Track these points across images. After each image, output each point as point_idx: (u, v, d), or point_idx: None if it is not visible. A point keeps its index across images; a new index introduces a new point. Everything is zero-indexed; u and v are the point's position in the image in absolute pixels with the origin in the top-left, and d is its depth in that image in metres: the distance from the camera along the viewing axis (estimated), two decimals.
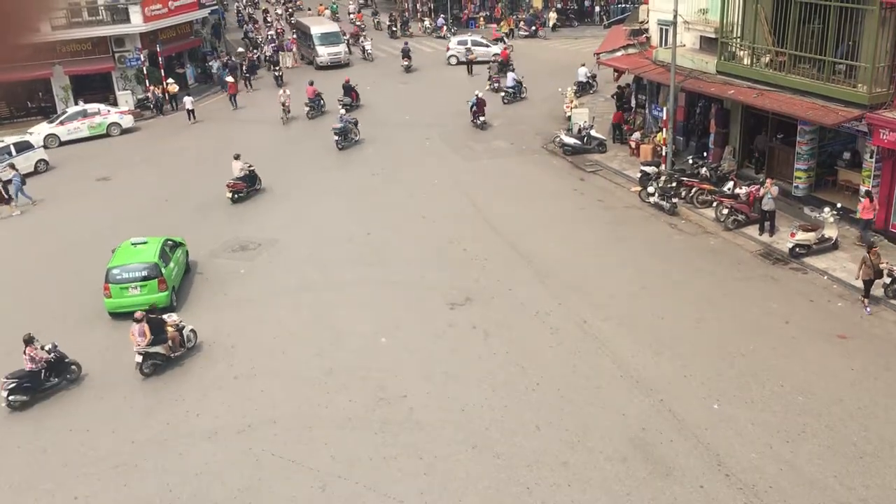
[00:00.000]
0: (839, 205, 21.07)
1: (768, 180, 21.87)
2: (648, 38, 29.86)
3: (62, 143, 33.78)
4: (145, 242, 19.98)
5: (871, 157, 20.62)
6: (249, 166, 26.76)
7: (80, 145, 33.84)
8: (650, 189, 24.25)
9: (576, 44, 48.24)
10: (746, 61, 23.65)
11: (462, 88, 38.14)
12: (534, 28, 51.85)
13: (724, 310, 18.24)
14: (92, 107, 35.49)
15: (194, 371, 16.76)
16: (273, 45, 49.01)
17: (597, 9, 56.33)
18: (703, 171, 24.87)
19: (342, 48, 46.75)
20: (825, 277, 19.42)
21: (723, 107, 25.95)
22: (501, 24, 52.48)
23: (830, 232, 20.29)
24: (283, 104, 34.99)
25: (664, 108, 26.55)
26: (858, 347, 16.42)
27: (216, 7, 49.50)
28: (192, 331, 17.43)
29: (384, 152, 30.84)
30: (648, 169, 25.27)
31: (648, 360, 16.20)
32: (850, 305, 18.18)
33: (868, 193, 20.22)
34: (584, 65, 37.58)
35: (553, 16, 54.34)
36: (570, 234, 22.82)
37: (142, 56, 37.78)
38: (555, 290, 19.38)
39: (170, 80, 38.64)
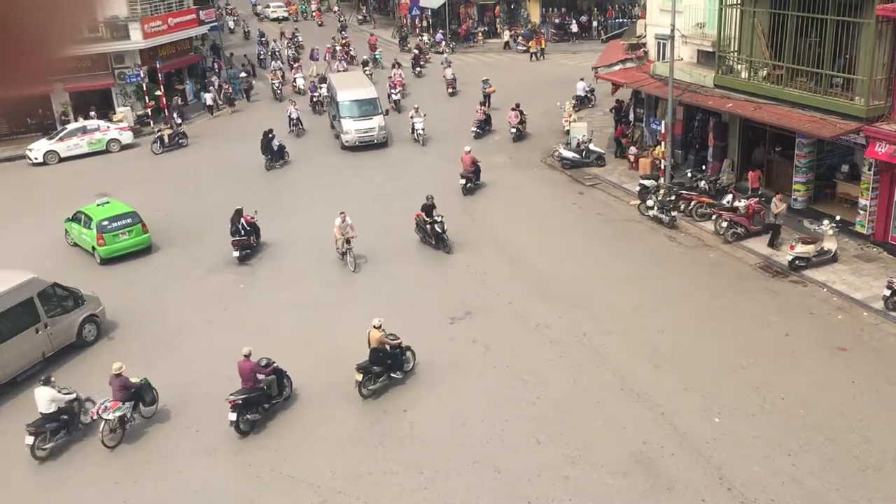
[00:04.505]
0: (838, 217, 21.09)
1: (777, 195, 21.78)
2: (646, 53, 29.99)
3: (62, 160, 33.81)
4: (108, 202, 23.93)
5: (869, 170, 20.68)
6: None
7: (80, 161, 33.84)
8: (649, 202, 24.29)
9: (574, 58, 48.46)
10: (744, 75, 23.76)
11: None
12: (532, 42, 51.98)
13: (724, 323, 18.23)
14: (91, 123, 35.53)
15: (194, 387, 16.71)
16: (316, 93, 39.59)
17: (594, 23, 56.57)
18: (702, 184, 24.92)
19: (377, 122, 32.69)
20: (825, 290, 19.42)
21: (721, 120, 26.04)
22: (531, 42, 51.37)
23: (830, 244, 20.30)
24: (348, 240, 21.79)
25: (662, 122, 26.63)
26: (859, 360, 16.40)
27: (216, 24, 49.54)
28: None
29: (383, 165, 30.90)
30: (647, 182, 25.33)
31: (649, 374, 16.17)
32: (850, 318, 18.17)
33: (758, 166, 24.29)
34: (582, 79, 37.72)
35: (507, 34, 54.28)
36: (569, 248, 22.83)
37: (141, 72, 37.89)
38: (554, 303, 19.37)
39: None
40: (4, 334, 16.60)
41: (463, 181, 27.06)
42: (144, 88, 38.30)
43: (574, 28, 54.97)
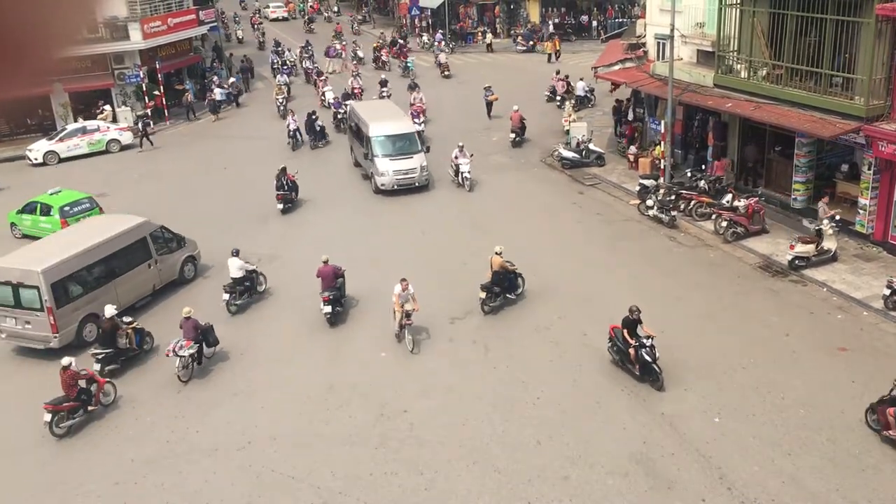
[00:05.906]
0: (838, 217, 21.08)
1: (823, 199, 21.54)
2: (646, 52, 29.98)
3: (62, 160, 33.79)
4: (60, 190, 25.37)
5: (868, 169, 20.68)
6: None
7: (80, 162, 33.84)
8: (649, 202, 24.29)
9: (574, 58, 48.42)
10: (744, 74, 23.75)
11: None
12: (531, 43, 52.00)
13: (724, 322, 18.22)
14: (91, 123, 35.53)
15: (194, 388, 16.72)
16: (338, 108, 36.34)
17: (594, 23, 56.58)
18: (702, 183, 24.90)
19: (418, 161, 27.56)
20: (825, 289, 19.41)
21: (720, 120, 26.04)
22: (546, 44, 50.99)
23: (829, 244, 20.29)
24: (408, 313, 17.57)
25: (662, 122, 26.62)
26: (859, 360, 16.39)
27: (215, 24, 49.50)
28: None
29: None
30: (647, 182, 25.32)
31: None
32: (850, 317, 18.17)
33: (719, 157, 25.61)
34: (582, 79, 37.71)
35: (489, 36, 54.45)
36: (569, 248, 22.82)
37: (141, 73, 37.88)
38: (555, 303, 19.36)
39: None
40: (126, 266, 19.85)
41: (512, 135, 32.24)
42: (144, 89, 38.31)
43: (551, 28, 54.03)
